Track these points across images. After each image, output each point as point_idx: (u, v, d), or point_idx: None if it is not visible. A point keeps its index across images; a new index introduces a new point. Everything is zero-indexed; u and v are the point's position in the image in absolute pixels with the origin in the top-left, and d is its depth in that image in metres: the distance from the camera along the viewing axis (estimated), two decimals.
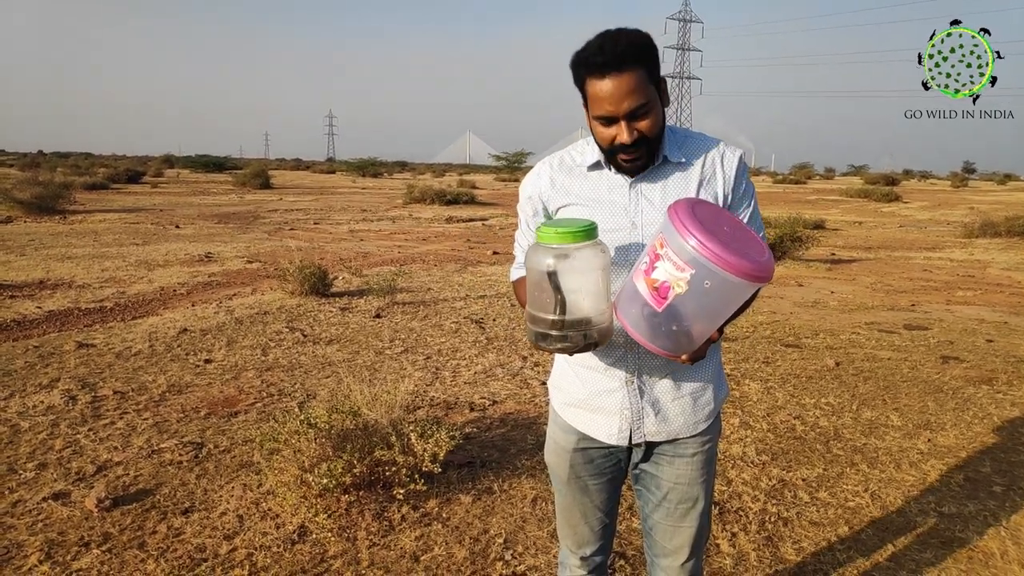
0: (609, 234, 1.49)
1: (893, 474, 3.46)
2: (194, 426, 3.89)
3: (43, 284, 8.07)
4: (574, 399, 1.65)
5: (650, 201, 1.51)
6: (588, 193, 1.54)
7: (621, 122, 1.40)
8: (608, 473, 1.70)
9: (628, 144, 1.41)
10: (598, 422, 1.62)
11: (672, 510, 1.65)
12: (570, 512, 1.75)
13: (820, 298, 8.11)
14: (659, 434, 1.60)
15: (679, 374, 1.59)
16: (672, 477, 1.63)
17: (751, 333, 6.28)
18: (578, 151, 1.59)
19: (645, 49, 1.39)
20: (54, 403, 4.15)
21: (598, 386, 1.60)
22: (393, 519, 2.92)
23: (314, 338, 5.88)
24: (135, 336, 5.78)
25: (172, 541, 2.73)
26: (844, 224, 18.46)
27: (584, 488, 1.70)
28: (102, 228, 14.00)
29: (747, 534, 2.87)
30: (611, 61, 1.35)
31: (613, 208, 1.52)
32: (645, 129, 1.41)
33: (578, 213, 1.53)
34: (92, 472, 3.29)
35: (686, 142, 1.55)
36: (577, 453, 1.67)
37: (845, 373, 5.10)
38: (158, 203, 21.07)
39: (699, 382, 1.61)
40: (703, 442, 1.63)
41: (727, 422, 4.08)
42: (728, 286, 1.25)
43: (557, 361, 1.72)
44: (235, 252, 11.19)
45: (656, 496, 1.66)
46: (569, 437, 1.67)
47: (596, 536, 1.77)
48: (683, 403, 1.59)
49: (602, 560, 1.83)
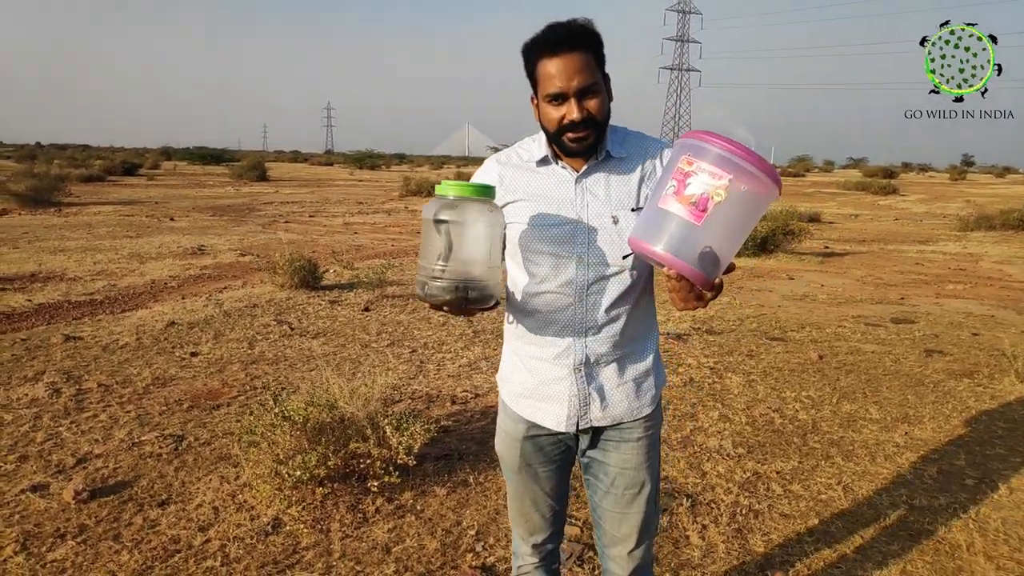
0: (557, 227, 1.55)
1: (868, 467, 3.49)
2: (176, 419, 3.91)
3: (34, 277, 8.09)
4: (523, 389, 1.69)
5: (595, 195, 1.56)
6: (535, 188, 1.58)
7: (571, 99, 1.45)
8: (557, 460, 1.74)
9: (577, 121, 1.46)
10: (546, 410, 1.65)
11: (620, 496, 1.69)
12: (521, 500, 1.79)
13: (809, 291, 8.14)
14: (604, 419, 1.65)
15: (623, 361, 1.64)
16: (619, 462, 1.67)
17: (737, 326, 6.31)
18: (525, 148, 1.64)
19: (593, 36, 1.47)
20: (38, 396, 4.17)
21: (546, 375, 1.64)
22: (367, 511, 2.95)
23: (301, 331, 5.91)
24: (123, 329, 5.80)
25: (147, 532, 2.76)
26: (840, 217, 18.47)
27: (534, 476, 1.74)
28: (96, 221, 14.00)
29: (717, 526, 2.90)
30: (562, 40, 1.44)
31: (560, 203, 1.56)
32: (593, 109, 1.47)
33: (525, 208, 1.57)
34: (72, 464, 3.31)
35: (627, 139, 1.61)
36: (527, 441, 1.71)
37: (828, 367, 5.13)
38: (154, 196, 21.07)
39: (642, 369, 1.67)
40: (647, 427, 1.68)
41: (706, 415, 4.11)
42: (758, 193, 1.33)
43: (505, 354, 1.76)
44: (228, 245, 11.21)
45: (604, 483, 1.70)
46: (518, 426, 1.71)
47: (547, 524, 1.81)
48: (627, 388, 1.64)
49: (553, 547, 1.88)
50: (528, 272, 1.59)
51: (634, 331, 1.64)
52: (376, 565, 2.58)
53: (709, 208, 1.30)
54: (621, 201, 1.55)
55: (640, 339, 1.67)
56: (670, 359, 5.24)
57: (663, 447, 3.61)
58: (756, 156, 1.31)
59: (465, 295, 1.36)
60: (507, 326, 1.72)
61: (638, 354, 1.66)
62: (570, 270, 1.56)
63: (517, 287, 1.63)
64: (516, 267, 1.62)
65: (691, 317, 6.60)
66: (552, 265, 1.56)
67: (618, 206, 1.55)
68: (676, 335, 5.92)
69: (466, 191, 1.37)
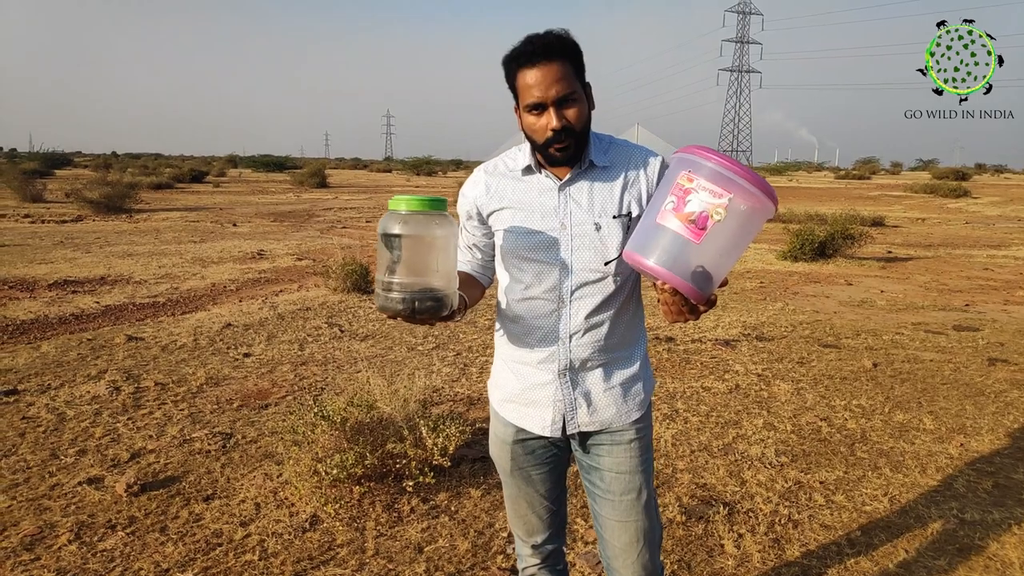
0: (540, 235, 1.58)
1: (917, 478, 3.37)
2: (226, 417, 4.05)
3: (103, 280, 8.47)
4: (510, 395, 1.71)
5: (578, 203, 1.58)
6: (520, 197, 1.62)
7: (550, 108, 1.48)
8: (549, 463, 1.75)
9: (558, 129, 1.48)
10: (532, 415, 1.67)
11: (617, 502, 1.68)
12: (517, 502, 1.80)
13: (868, 297, 7.88)
14: (592, 424, 1.66)
15: (609, 366, 1.65)
16: (612, 465, 1.67)
17: (789, 333, 6.16)
18: (511, 157, 1.67)
19: (570, 46, 1.49)
20: (99, 393, 4.38)
21: (532, 380, 1.66)
22: (403, 510, 3.00)
23: (351, 334, 6.03)
24: (181, 330, 6.03)
25: (192, 526, 2.87)
26: (905, 221, 17.82)
27: (528, 478, 1.76)
28: (164, 226, 14.58)
29: (754, 535, 2.84)
30: (539, 51, 1.46)
31: (544, 211, 1.59)
32: (572, 118, 1.50)
33: (510, 216, 1.61)
34: (126, 459, 3.46)
35: (610, 148, 1.63)
36: (517, 445, 1.73)
37: (882, 375, 4.96)
38: (219, 202, 21.81)
39: (629, 374, 1.67)
40: (638, 429, 1.68)
41: (751, 423, 4.03)
42: (755, 211, 1.35)
43: (495, 361, 1.79)
44: (286, 250, 11.51)
45: (600, 488, 1.70)
46: (507, 430, 1.73)
47: (545, 524, 1.83)
48: (614, 393, 1.65)
49: (554, 547, 1.89)
50: (513, 278, 1.64)
51: (620, 337, 1.65)
52: (407, 564, 2.62)
53: (708, 227, 1.32)
54: (604, 208, 1.57)
55: (627, 345, 1.68)
56: (717, 365, 5.16)
57: (703, 454, 3.57)
58: (755, 175, 1.33)
59: (412, 306, 1.38)
60: (496, 333, 1.76)
61: (624, 360, 1.67)
62: (554, 276, 1.59)
63: (503, 293, 1.68)
64: (502, 273, 1.67)
65: (741, 323, 6.48)
66: (536, 272, 1.59)
67: (600, 213, 1.57)
68: (724, 341, 5.82)
69: (416, 205, 1.40)
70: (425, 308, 1.39)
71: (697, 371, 5.02)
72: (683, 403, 4.34)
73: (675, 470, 3.42)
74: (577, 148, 1.54)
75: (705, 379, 4.82)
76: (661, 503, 3.08)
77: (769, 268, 10.10)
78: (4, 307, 6.84)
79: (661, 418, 4.07)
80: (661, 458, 3.55)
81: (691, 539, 2.82)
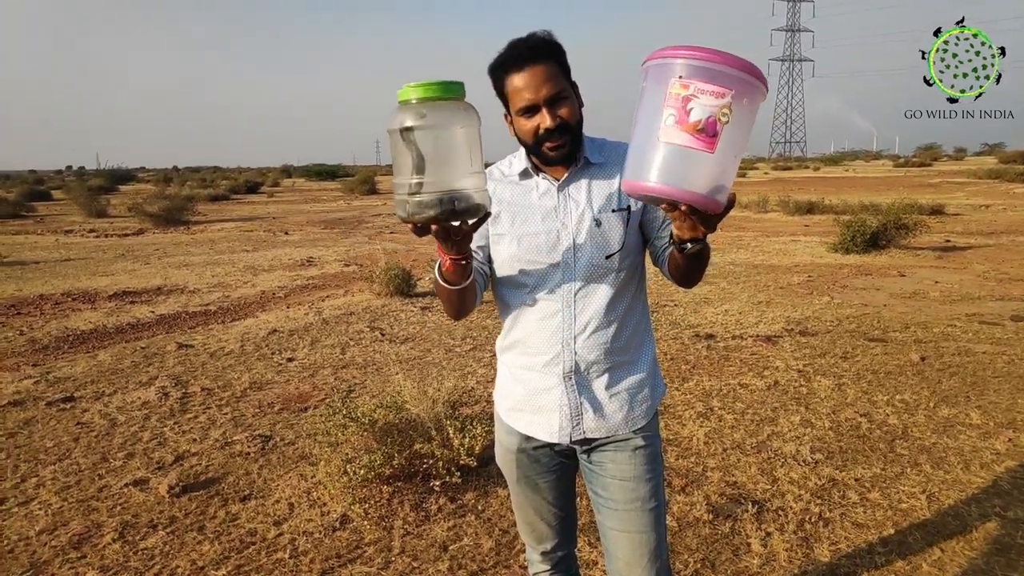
0: (542, 236, 1.57)
1: (959, 476, 3.26)
2: (267, 420, 4.18)
3: (159, 290, 8.81)
4: (515, 402, 1.69)
5: (576, 202, 1.58)
6: (519, 200, 1.61)
7: (543, 109, 1.48)
8: (556, 470, 1.73)
9: (552, 128, 1.48)
10: (538, 422, 1.65)
11: (621, 512, 1.64)
12: (525, 510, 1.79)
13: (921, 288, 7.63)
14: (598, 430, 1.62)
15: (616, 370, 1.62)
16: (616, 472, 1.63)
17: (834, 327, 6.01)
18: (506, 164, 1.67)
19: (554, 46, 1.49)
20: (149, 399, 4.56)
21: (536, 385, 1.64)
22: (430, 509, 3.05)
23: (391, 337, 6.14)
24: (230, 337, 6.23)
25: (228, 525, 2.98)
26: (967, 208, 17.13)
27: (535, 486, 1.74)
28: (218, 237, 15.06)
29: (783, 534, 2.80)
30: (525, 54, 1.47)
31: (544, 212, 1.59)
32: (565, 115, 1.49)
33: (510, 220, 1.60)
34: (171, 461, 3.61)
35: (604, 146, 1.63)
36: (522, 454, 1.71)
37: (930, 368, 4.80)
38: (272, 211, 22.41)
39: (636, 379, 1.64)
40: (645, 437, 1.64)
41: (787, 420, 3.96)
42: (756, 100, 1.24)
43: (499, 370, 1.77)
44: (335, 256, 11.76)
45: (604, 497, 1.66)
46: (512, 438, 1.71)
47: (554, 531, 1.80)
48: (620, 399, 1.62)
49: (564, 553, 1.86)
50: (516, 282, 1.62)
51: (626, 339, 1.62)
52: (432, 562, 2.67)
53: (719, 131, 1.20)
54: (602, 204, 1.57)
55: (633, 348, 1.64)
56: (757, 362, 5.07)
57: (735, 452, 3.52)
58: (745, 60, 1.21)
59: (452, 207, 1.22)
60: (499, 340, 1.74)
61: (631, 364, 1.64)
62: (557, 277, 1.57)
63: (506, 299, 1.66)
64: (504, 278, 1.64)
65: (785, 318, 6.35)
66: (540, 274, 1.58)
67: (600, 209, 1.57)
68: (766, 337, 5.71)
69: (431, 92, 1.21)
70: (463, 209, 1.23)
71: (736, 368, 4.94)
72: (719, 401, 4.29)
73: (705, 468, 3.39)
74: (572, 146, 1.54)
75: (743, 376, 4.75)
76: (689, 502, 3.06)
77: (819, 261, 9.86)
78: (67, 318, 7.19)
79: (695, 416, 4.03)
80: (692, 456, 3.52)
81: (717, 537, 2.79)
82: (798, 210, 16.78)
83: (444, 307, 1.61)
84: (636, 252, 1.63)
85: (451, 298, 1.51)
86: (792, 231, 13.69)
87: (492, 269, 1.66)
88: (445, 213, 1.22)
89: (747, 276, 8.75)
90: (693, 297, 7.50)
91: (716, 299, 7.39)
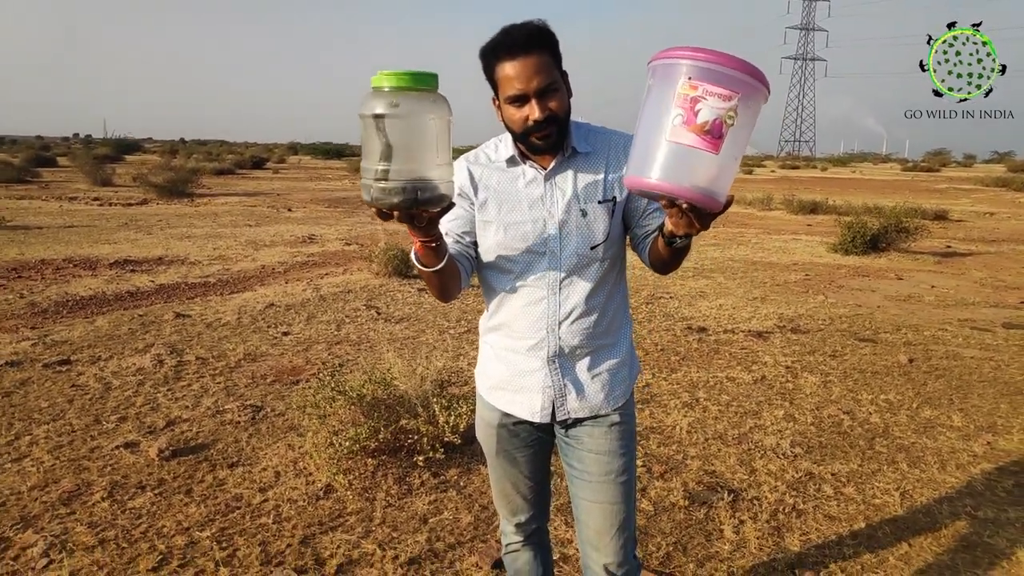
0: (528, 224, 1.60)
1: (934, 475, 3.31)
2: (259, 391, 4.24)
3: (160, 260, 8.86)
4: (497, 382, 1.73)
5: (563, 191, 1.60)
6: (506, 187, 1.63)
7: (532, 100, 1.48)
8: (533, 445, 1.78)
9: (541, 120, 1.49)
10: (521, 401, 1.69)
11: (595, 484, 1.69)
12: (501, 483, 1.84)
13: (916, 292, 7.66)
14: (581, 410, 1.67)
15: (597, 353, 1.67)
16: (592, 446, 1.69)
17: (826, 326, 6.06)
18: (491, 148, 1.68)
19: (548, 36, 1.49)
20: (144, 365, 4.63)
21: (520, 367, 1.68)
22: (413, 484, 3.12)
23: (387, 316, 6.20)
24: (227, 309, 6.29)
25: (215, 489, 3.04)
26: (972, 215, 17.12)
27: (512, 460, 1.79)
28: (222, 211, 15.10)
29: (755, 523, 2.86)
30: (520, 43, 1.46)
31: (531, 200, 1.61)
32: (555, 107, 1.50)
33: (496, 206, 1.62)
34: (162, 426, 3.67)
35: (590, 134, 1.64)
36: (502, 428, 1.76)
37: (916, 371, 4.85)
38: (277, 188, 22.43)
39: (616, 360, 1.69)
40: (621, 415, 1.70)
41: (770, 414, 4.01)
42: (759, 103, 1.28)
43: (482, 348, 1.82)
44: (336, 235, 11.81)
45: (578, 470, 1.72)
46: (493, 414, 1.76)
47: (529, 504, 1.86)
48: (601, 380, 1.67)
49: (537, 526, 1.92)
50: (501, 268, 1.64)
51: (608, 323, 1.67)
52: (411, 533, 2.73)
53: (725, 133, 1.23)
54: (588, 194, 1.60)
55: (614, 331, 1.70)
56: (746, 356, 5.12)
57: (716, 442, 3.58)
58: (750, 64, 1.23)
59: (415, 196, 1.24)
60: (483, 320, 1.78)
61: (612, 346, 1.69)
62: (543, 265, 1.60)
63: (491, 283, 1.69)
64: (490, 263, 1.66)
65: (778, 315, 6.40)
66: (525, 261, 1.61)
67: (586, 199, 1.59)
68: (757, 333, 5.76)
69: (404, 81, 1.22)
70: (426, 199, 1.26)
71: (725, 361, 5.00)
72: (705, 392, 4.34)
73: (686, 456, 3.45)
74: (559, 136, 1.55)
75: (731, 369, 4.80)
76: (667, 487, 3.12)
77: (817, 260, 9.89)
78: (68, 283, 7.25)
79: (680, 406, 4.09)
80: (674, 444, 3.58)
81: (691, 523, 2.85)
82: (801, 209, 16.79)
83: (428, 289, 1.63)
84: (619, 242, 1.67)
85: (431, 280, 1.53)
86: (794, 230, 13.71)
87: (478, 253, 1.68)
88: (408, 202, 1.25)
89: (744, 272, 8.79)
90: (689, 291, 7.54)
91: (712, 293, 7.43)
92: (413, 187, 1.24)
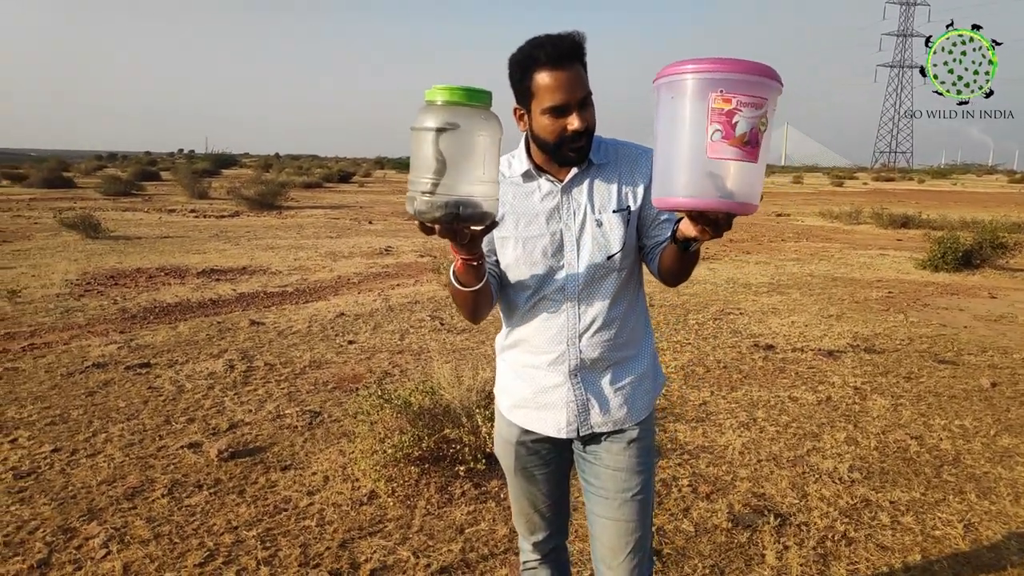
0: (545, 237, 1.60)
1: (1006, 507, 3.10)
2: (319, 397, 4.39)
3: (244, 270, 9.30)
4: (519, 400, 1.72)
5: (579, 202, 1.61)
6: (522, 202, 1.63)
7: (574, 111, 1.50)
8: (552, 463, 1.77)
9: (580, 131, 1.50)
10: (545, 418, 1.68)
11: (611, 500, 1.68)
12: (520, 501, 1.83)
13: (1010, 312, 7.19)
14: (604, 424, 1.66)
15: (620, 365, 1.66)
16: (610, 463, 1.67)
17: (904, 346, 5.76)
18: (504, 164, 1.67)
19: (584, 51, 1.51)
20: (216, 370, 4.87)
21: (542, 383, 1.67)
22: (454, 493, 3.16)
23: (450, 327, 6.30)
24: (299, 317, 6.54)
25: (266, 491, 3.17)
26: None
27: (531, 478, 1.78)
28: (307, 223, 15.70)
29: (800, 549, 2.75)
30: (565, 53, 1.47)
31: (547, 214, 1.62)
32: (590, 119, 1.52)
33: (513, 222, 1.62)
34: (225, 428, 3.86)
35: (603, 145, 1.64)
36: (520, 446, 1.75)
37: (999, 396, 4.55)
38: (360, 201, 23.16)
39: (639, 372, 1.68)
40: (642, 430, 1.68)
41: (831, 436, 3.85)
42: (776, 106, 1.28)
43: (500, 366, 1.81)
44: (412, 247, 12.08)
45: (595, 486, 1.70)
46: (512, 430, 1.76)
47: (547, 523, 1.84)
48: (624, 393, 1.66)
49: (555, 545, 1.90)
50: (520, 283, 1.64)
51: (628, 335, 1.66)
52: (446, 542, 2.77)
53: (761, 141, 1.23)
54: (604, 205, 1.60)
55: (635, 343, 1.68)
56: (813, 376, 4.94)
57: (769, 464, 3.47)
58: (769, 67, 1.23)
59: (456, 211, 1.24)
60: (500, 338, 1.78)
61: (634, 358, 1.67)
62: (561, 277, 1.60)
63: (509, 298, 1.68)
64: (509, 279, 1.66)
65: (852, 333, 6.13)
66: (543, 275, 1.61)
67: (601, 210, 1.59)
68: (828, 352, 5.54)
69: (458, 96, 1.24)
70: (468, 215, 1.26)
71: (789, 380, 4.83)
72: (764, 412, 4.21)
73: (735, 477, 3.35)
74: (588, 148, 1.57)
75: (795, 389, 4.64)
76: (711, 508, 3.04)
77: (904, 277, 9.42)
78: (157, 291, 7.71)
79: (736, 426, 3.98)
80: (724, 464, 3.49)
81: (732, 546, 2.77)
82: (892, 223, 16.02)
83: (459, 310, 1.64)
84: (635, 251, 1.66)
85: (466, 300, 1.54)
86: (882, 245, 13.10)
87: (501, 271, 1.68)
88: (449, 216, 1.25)
89: (823, 288, 8.47)
90: (761, 307, 7.33)
91: (784, 310, 7.19)
92: (456, 202, 1.24)
